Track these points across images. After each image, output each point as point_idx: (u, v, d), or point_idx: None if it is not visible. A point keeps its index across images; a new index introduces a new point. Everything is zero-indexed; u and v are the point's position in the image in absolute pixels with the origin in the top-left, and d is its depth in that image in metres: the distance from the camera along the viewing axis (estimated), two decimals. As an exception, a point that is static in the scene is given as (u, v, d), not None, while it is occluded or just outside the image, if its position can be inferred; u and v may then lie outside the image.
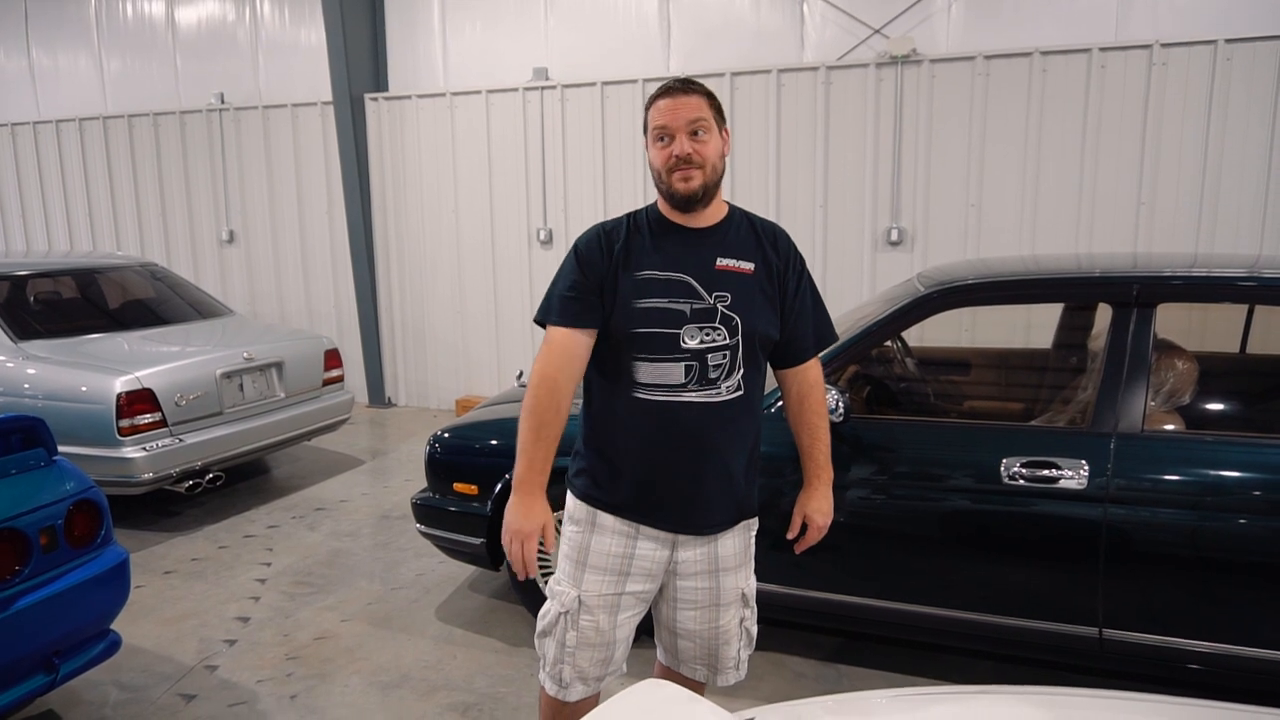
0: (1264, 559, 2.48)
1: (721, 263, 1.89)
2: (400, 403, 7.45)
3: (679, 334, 1.84)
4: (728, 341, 1.87)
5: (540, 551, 1.92)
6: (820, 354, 2.08)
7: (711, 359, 1.86)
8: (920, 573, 2.82)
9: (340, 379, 5.52)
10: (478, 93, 6.64)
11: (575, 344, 1.87)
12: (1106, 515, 2.57)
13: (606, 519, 1.95)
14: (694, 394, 1.86)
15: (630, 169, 6.20)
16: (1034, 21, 5.38)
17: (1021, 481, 2.63)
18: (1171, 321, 3.82)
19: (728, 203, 1.99)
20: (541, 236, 6.57)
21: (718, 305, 1.87)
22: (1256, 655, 2.52)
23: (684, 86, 1.87)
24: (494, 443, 3.45)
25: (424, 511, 3.57)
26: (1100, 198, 5.20)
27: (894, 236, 5.59)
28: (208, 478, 4.61)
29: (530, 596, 3.37)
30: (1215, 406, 3.10)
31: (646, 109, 1.92)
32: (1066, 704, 1.41)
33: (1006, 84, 5.28)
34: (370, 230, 7.11)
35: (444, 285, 7.06)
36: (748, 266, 1.91)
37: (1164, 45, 4.98)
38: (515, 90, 6.51)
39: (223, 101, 7.61)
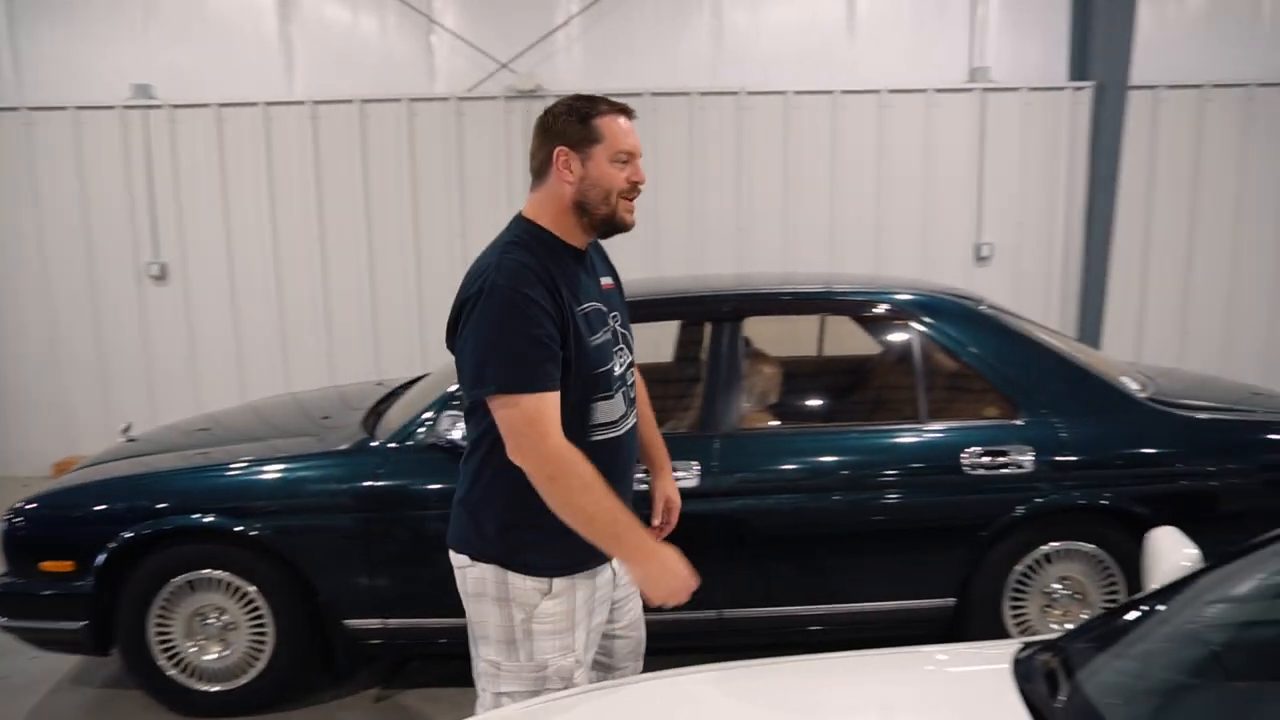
0: (851, 528, 2.95)
1: (604, 281, 1.85)
2: (-23, 473, 6.24)
3: (612, 365, 1.77)
4: (630, 358, 1.86)
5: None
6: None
7: (628, 379, 1.84)
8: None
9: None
10: (63, 109, 5.80)
11: (557, 406, 1.63)
12: (717, 508, 2.89)
13: (581, 578, 1.77)
14: (629, 421, 1.82)
15: (256, 197, 5.79)
16: (645, 64, 5.92)
17: (645, 486, 2.87)
18: (764, 332, 4.39)
19: None
20: (154, 272, 5.89)
21: (615, 325, 1.82)
22: (856, 609, 2.99)
23: (630, 111, 1.79)
24: (97, 508, 3.02)
25: (4, 601, 3.02)
26: (709, 223, 5.84)
27: (533, 263, 5.81)
28: None
29: (152, 679, 3.00)
30: (800, 403, 3.62)
31: (591, 119, 1.72)
32: (746, 676, 1.57)
33: (623, 121, 5.74)
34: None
35: (33, 332, 6.04)
36: (610, 281, 1.88)
37: (749, 93, 5.74)
38: (112, 108, 5.79)
39: None
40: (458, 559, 1.80)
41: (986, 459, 2.91)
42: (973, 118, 5.81)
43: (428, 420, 2.93)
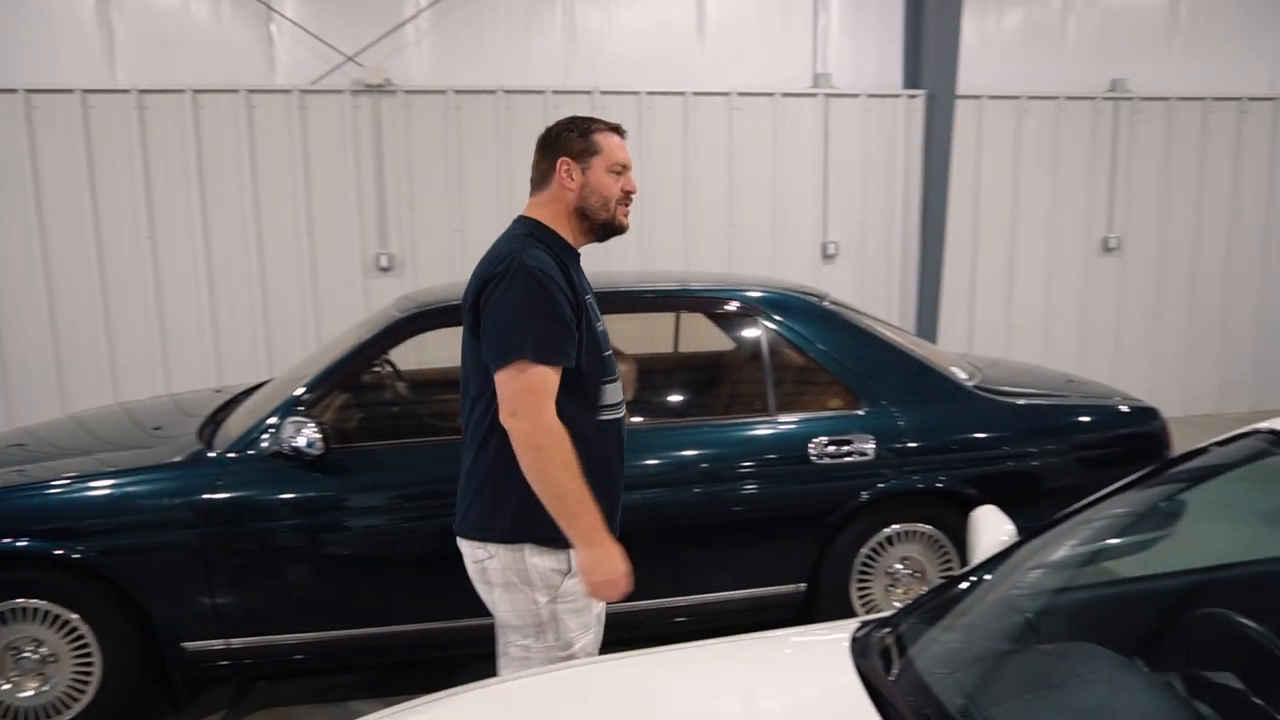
0: (707, 521, 3.02)
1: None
2: None
3: (610, 354, 1.96)
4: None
5: None
6: None
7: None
8: (424, 591, 2.89)
9: None
10: None
11: (557, 385, 1.77)
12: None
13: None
14: (624, 408, 1.97)
15: (76, 193, 5.33)
16: (497, 61, 5.85)
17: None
18: (621, 330, 4.43)
19: None
20: (-45, 273, 5.33)
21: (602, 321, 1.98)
22: (715, 599, 3.08)
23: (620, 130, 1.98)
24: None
25: None
26: (565, 223, 5.83)
27: (384, 262, 5.65)
28: None
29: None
30: (656, 399, 3.67)
31: (591, 134, 1.93)
32: (582, 675, 1.56)
33: (477, 117, 5.66)
34: None
35: None
36: None
37: (603, 93, 5.77)
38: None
39: None
40: (476, 552, 1.88)
41: (832, 448, 3.05)
42: (817, 122, 6.06)
43: (271, 426, 2.80)
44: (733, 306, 3.24)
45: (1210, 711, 1.38)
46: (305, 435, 2.67)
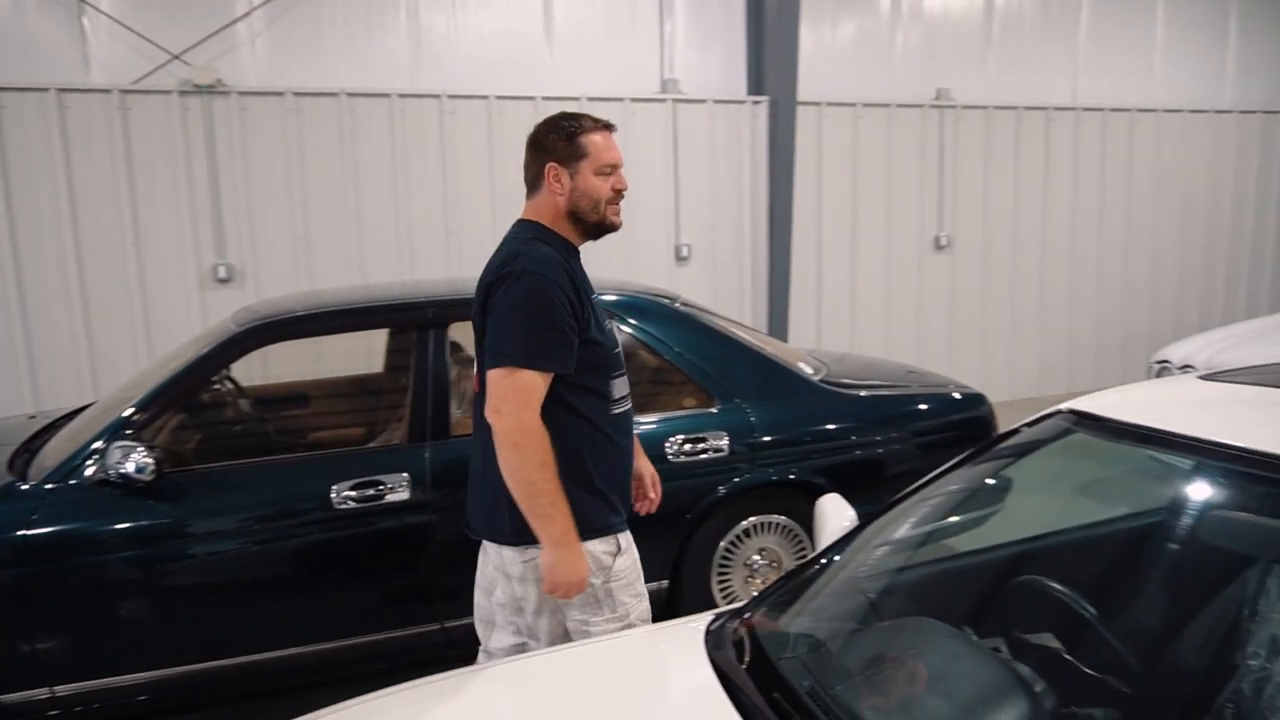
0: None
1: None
2: None
3: (619, 351, 2.04)
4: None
5: None
6: None
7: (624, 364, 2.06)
8: (279, 616, 2.76)
9: None
10: None
11: (545, 390, 1.82)
12: (431, 519, 2.84)
13: (624, 534, 2.00)
14: (630, 398, 2.06)
15: None
16: (339, 63, 5.64)
17: (352, 504, 2.75)
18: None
19: None
20: None
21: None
22: None
23: (612, 126, 2.01)
24: None
25: None
26: (415, 227, 5.70)
27: (223, 274, 5.34)
28: None
29: None
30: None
31: (577, 137, 1.95)
32: (437, 692, 1.52)
33: (319, 121, 5.45)
34: None
35: None
36: None
37: (451, 96, 5.67)
38: None
39: None
40: (520, 555, 1.91)
41: (688, 446, 3.11)
42: (666, 127, 6.18)
43: (95, 452, 2.59)
44: (587, 310, 3.24)
45: (1029, 671, 1.50)
46: (134, 460, 2.49)
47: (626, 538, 2.01)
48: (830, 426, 3.39)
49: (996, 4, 7.24)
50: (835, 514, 1.97)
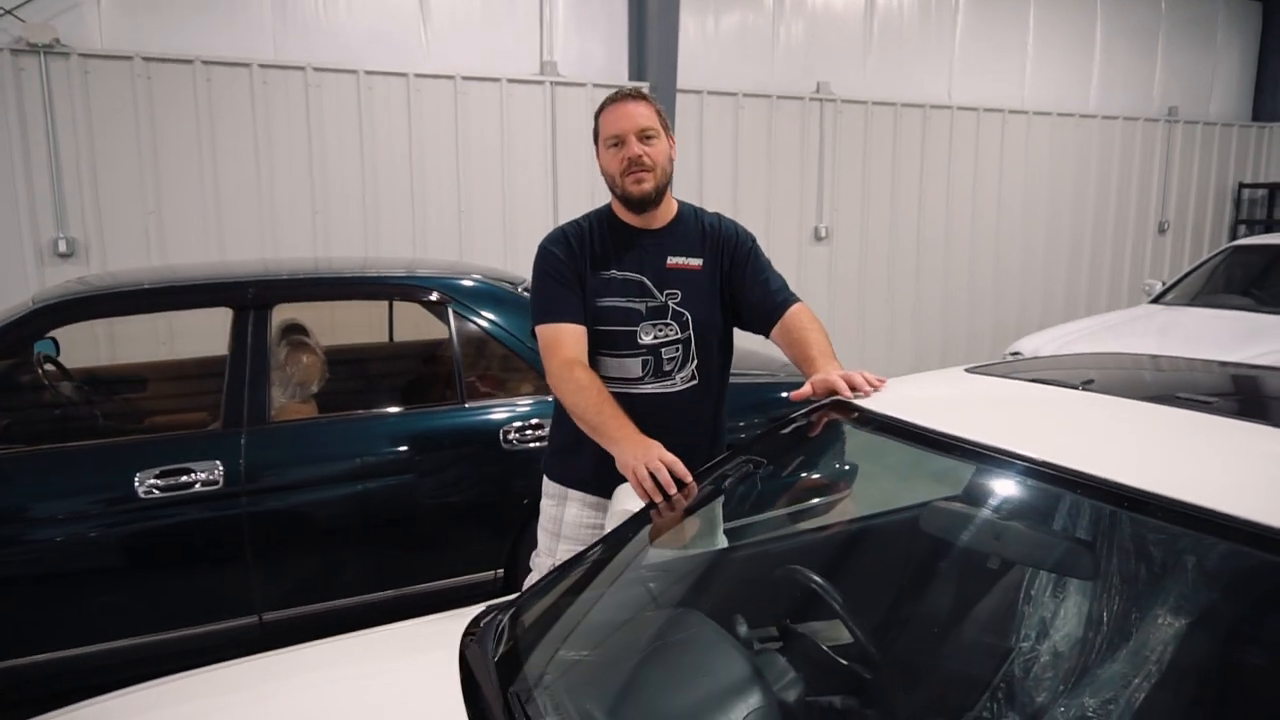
0: (396, 514, 2.92)
1: (672, 261, 2.01)
2: None
3: (636, 331, 1.98)
4: (679, 336, 2.00)
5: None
6: (789, 301, 2.08)
7: (665, 353, 2.00)
8: (81, 612, 2.60)
9: None
10: None
11: (580, 334, 1.93)
12: (247, 507, 2.72)
13: (575, 494, 2.09)
14: (650, 386, 2.00)
15: None
16: (198, 29, 5.37)
17: (157, 493, 2.62)
18: (334, 317, 4.24)
19: (678, 200, 2.09)
20: None
21: (669, 302, 1.99)
22: (412, 592, 2.98)
23: (633, 96, 1.96)
24: None
25: None
26: (279, 205, 5.48)
27: (63, 248, 5.03)
28: None
29: None
30: (343, 390, 3.53)
31: (598, 115, 1.98)
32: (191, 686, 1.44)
33: (172, 89, 5.17)
34: None
35: None
36: (696, 263, 2.03)
37: (317, 69, 5.46)
38: None
39: None
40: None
41: (526, 433, 3.07)
42: (545, 109, 6.10)
43: None
44: (422, 294, 3.16)
45: (785, 662, 1.52)
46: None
47: (559, 487, 2.12)
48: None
49: (877, 2, 7.39)
50: (625, 498, 1.96)
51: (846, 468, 1.76)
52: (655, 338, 1.99)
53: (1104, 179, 8.58)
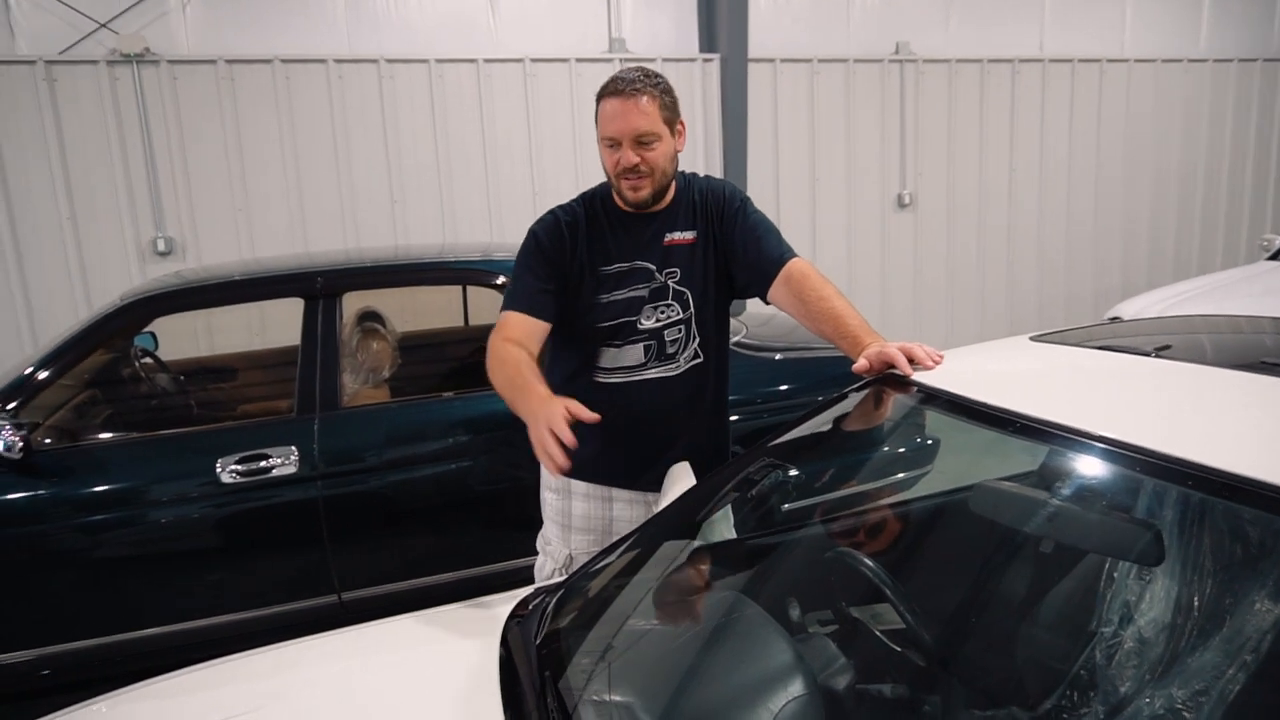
0: (467, 496, 2.95)
1: (669, 237, 1.93)
2: None
3: (637, 318, 1.89)
4: (681, 316, 1.92)
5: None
6: (784, 258, 1.95)
7: (668, 334, 1.92)
8: (173, 590, 2.74)
9: None
10: None
11: (532, 326, 1.83)
12: (322, 490, 2.81)
13: (578, 485, 2.02)
14: (653, 371, 1.93)
15: None
16: (275, 29, 5.53)
17: (238, 478, 2.72)
18: (415, 303, 4.31)
19: (679, 172, 1.98)
20: None
21: (668, 282, 1.91)
22: (486, 572, 3.00)
23: (634, 87, 1.79)
24: None
25: None
26: (359, 195, 5.62)
27: (161, 246, 5.28)
28: None
29: None
30: (417, 375, 3.59)
31: (597, 101, 1.85)
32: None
33: (253, 89, 5.35)
34: None
35: None
36: (689, 236, 1.94)
37: (389, 61, 5.56)
38: None
39: None
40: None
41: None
42: (615, 87, 6.05)
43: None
44: (491, 278, 3.17)
45: (835, 648, 1.47)
46: (3, 438, 2.46)
47: (576, 485, 2.04)
48: (741, 390, 3.33)
49: (960, -47, 7.05)
50: (680, 481, 1.92)
51: (929, 442, 1.67)
52: (658, 320, 1.92)
53: (1217, 128, 7.98)
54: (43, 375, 2.69)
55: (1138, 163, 7.74)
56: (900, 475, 1.68)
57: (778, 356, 3.46)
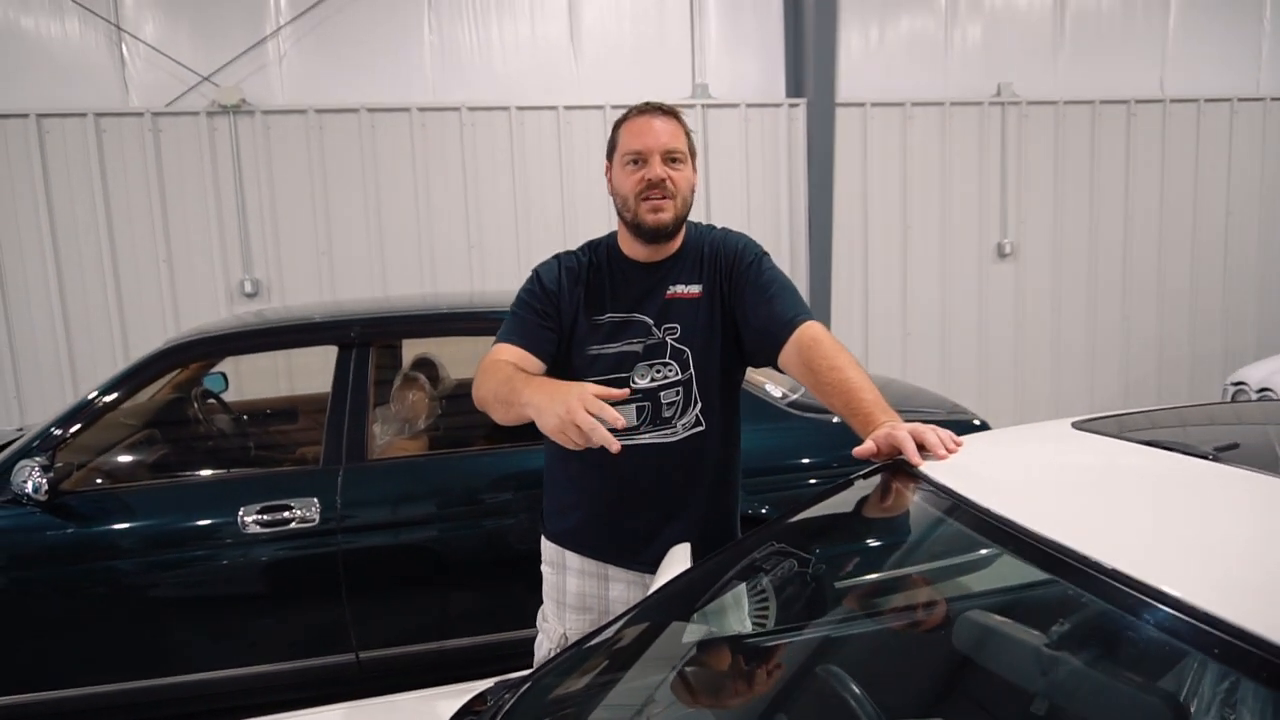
0: (490, 555, 2.83)
1: (671, 290, 1.79)
2: None
3: (630, 375, 1.76)
4: (679, 377, 1.77)
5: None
6: (796, 321, 1.71)
7: (664, 396, 1.77)
8: (185, 640, 2.72)
9: None
10: None
11: (526, 361, 1.71)
12: (341, 545, 2.74)
13: (573, 559, 1.89)
14: (647, 436, 1.77)
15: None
16: (366, 79, 5.70)
17: (258, 529, 2.68)
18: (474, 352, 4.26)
19: (694, 222, 1.87)
20: None
21: (667, 339, 1.77)
22: (508, 638, 2.86)
23: (662, 110, 1.74)
24: None
25: None
26: (437, 241, 5.69)
27: (249, 288, 5.47)
28: None
29: None
30: (470, 425, 3.51)
31: (617, 127, 1.77)
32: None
33: (340, 136, 5.51)
34: None
35: None
36: (695, 290, 1.79)
37: (471, 109, 5.64)
38: None
39: None
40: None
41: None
42: (696, 132, 5.94)
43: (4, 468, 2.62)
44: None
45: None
46: (32, 479, 2.50)
47: (556, 551, 1.91)
48: (786, 454, 3.10)
49: (1069, -8, 6.66)
50: (673, 566, 1.73)
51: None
52: (652, 380, 1.75)
53: (1368, 172, 7.22)
54: (81, 417, 2.73)
55: (1276, 208, 7.06)
56: (898, 573, 1.44)
57: (835, 419, 3.20)
